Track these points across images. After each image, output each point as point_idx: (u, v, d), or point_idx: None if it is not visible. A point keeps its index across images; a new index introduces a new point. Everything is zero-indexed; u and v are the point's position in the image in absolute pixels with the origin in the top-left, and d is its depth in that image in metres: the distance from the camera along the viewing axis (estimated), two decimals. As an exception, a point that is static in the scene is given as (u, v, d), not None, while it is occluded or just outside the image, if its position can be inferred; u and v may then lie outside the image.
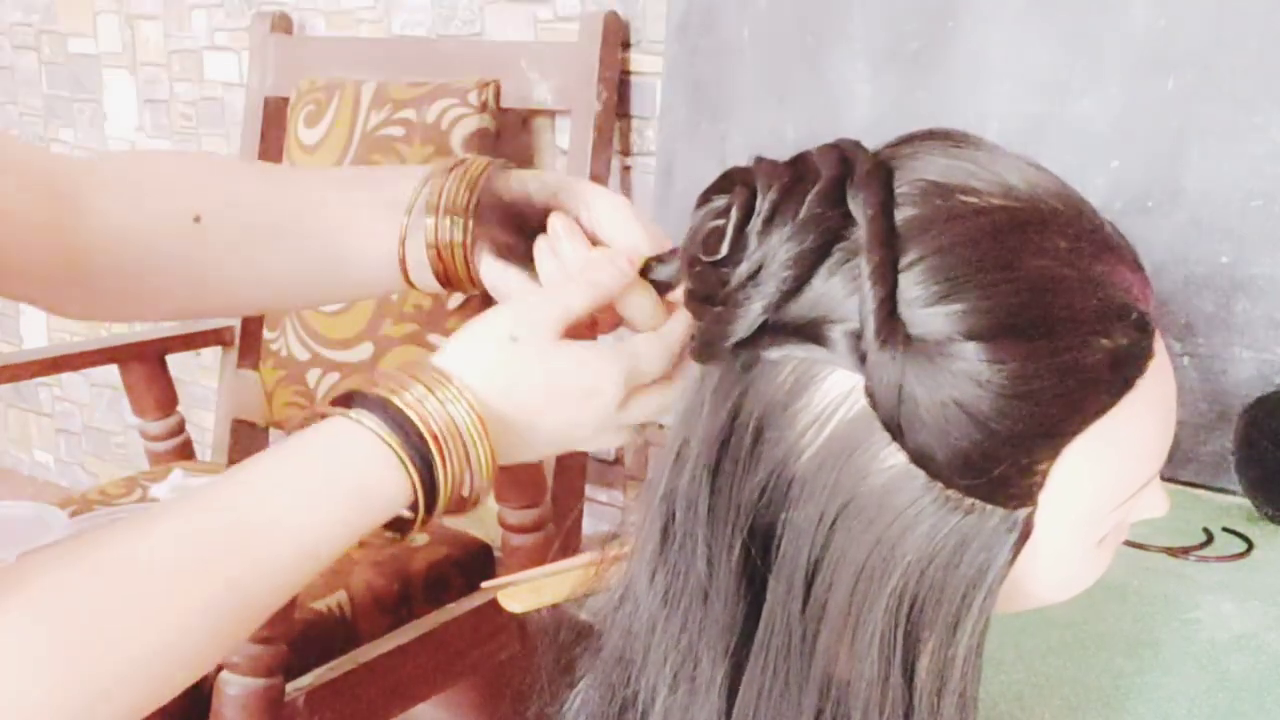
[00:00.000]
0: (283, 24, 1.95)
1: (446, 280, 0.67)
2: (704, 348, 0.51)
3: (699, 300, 0.51)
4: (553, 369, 0.57)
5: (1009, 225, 0.47)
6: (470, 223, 0.65)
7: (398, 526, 0.56)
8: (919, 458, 0.46)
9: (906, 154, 0.50)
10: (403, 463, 0.53)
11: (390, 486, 0.54)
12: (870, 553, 0.47)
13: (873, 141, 0.52)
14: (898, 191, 0.48)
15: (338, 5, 1.92)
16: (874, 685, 0.48)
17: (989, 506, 0.47)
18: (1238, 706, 0.72)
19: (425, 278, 0.67)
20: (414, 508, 0.55)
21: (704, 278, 0.51)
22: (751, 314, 0.48)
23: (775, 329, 0.48)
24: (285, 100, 1.86)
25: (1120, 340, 0.47)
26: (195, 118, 2.19)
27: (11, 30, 2.47)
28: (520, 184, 0.66)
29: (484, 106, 1.62)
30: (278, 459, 0.54)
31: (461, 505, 0.56)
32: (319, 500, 0.53)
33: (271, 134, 1.91)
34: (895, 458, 0.46)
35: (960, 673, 0.48)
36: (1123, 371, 0.47)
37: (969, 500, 0.47)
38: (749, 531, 0.49)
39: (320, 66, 1.84)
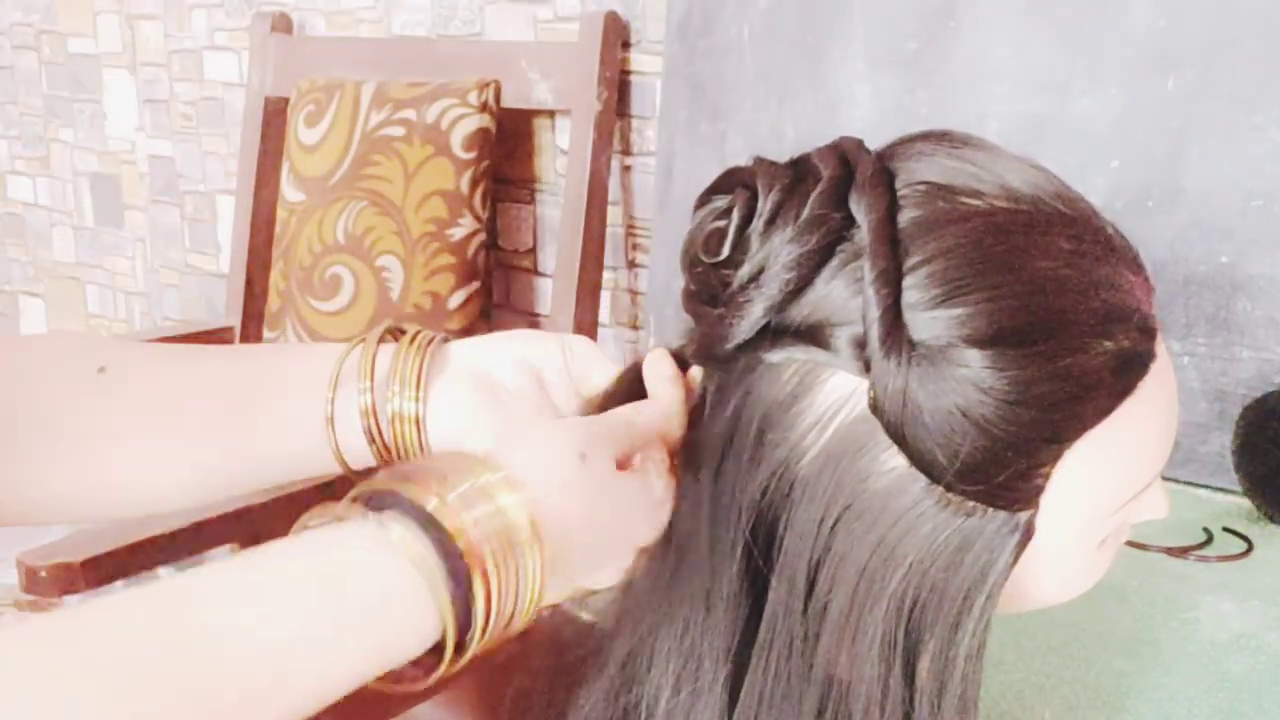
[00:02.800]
0: (283, 24, 1.95)
1: (386, 453, 0.57)
2: (705, 350, 0.50)
3: (700, 302, 0.51)
4: (617, 499, 0.48)
5: (1011, 227, 0.47)
6: (421, 392, 0.56)
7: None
8: (922, 463, 0.46)
9: (907, 155, 0.50)
10: (431, 584, 0.41)
11: (411, 615, 0.41)
12: (871, 554, 0.47)
13: (873, 141, 0.52)
14: (899, 194, 0.48)
15: (338, 5, 1.92)
16: (875, 686, 0.48)
17: (991, 509, 0.47)
18: (1238, 706, 0.72)
19: (360, 453, 0.57)
20: (441, 644, 0.42)
21: (705, 279, 0.51)
22: (753, 316, 0.48)
23: (777, 331, 0.48)
24: (285, 100, 1.86)
25: (1123, 343, 0.47)
26: (195, 118, 2.19)
27: (11, 30, 2.47)
28: (484, 349, 0.58)
29: (484, 106, 1.62)
30: (273, 569, 0.41)
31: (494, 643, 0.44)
32: (318, 627, 0.40)
33: (271, 134, 1.91)
34: (897, 460, 0.46)
35: (961, 674, 0.48)
36: (1125, 374, 0.47)
37: (971, 503, 0.47)
38: (751, 533, 0.49)
39: (320, 66, 1.84)
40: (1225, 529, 0.97)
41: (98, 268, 2.46)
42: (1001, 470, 0.46)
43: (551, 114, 1.69)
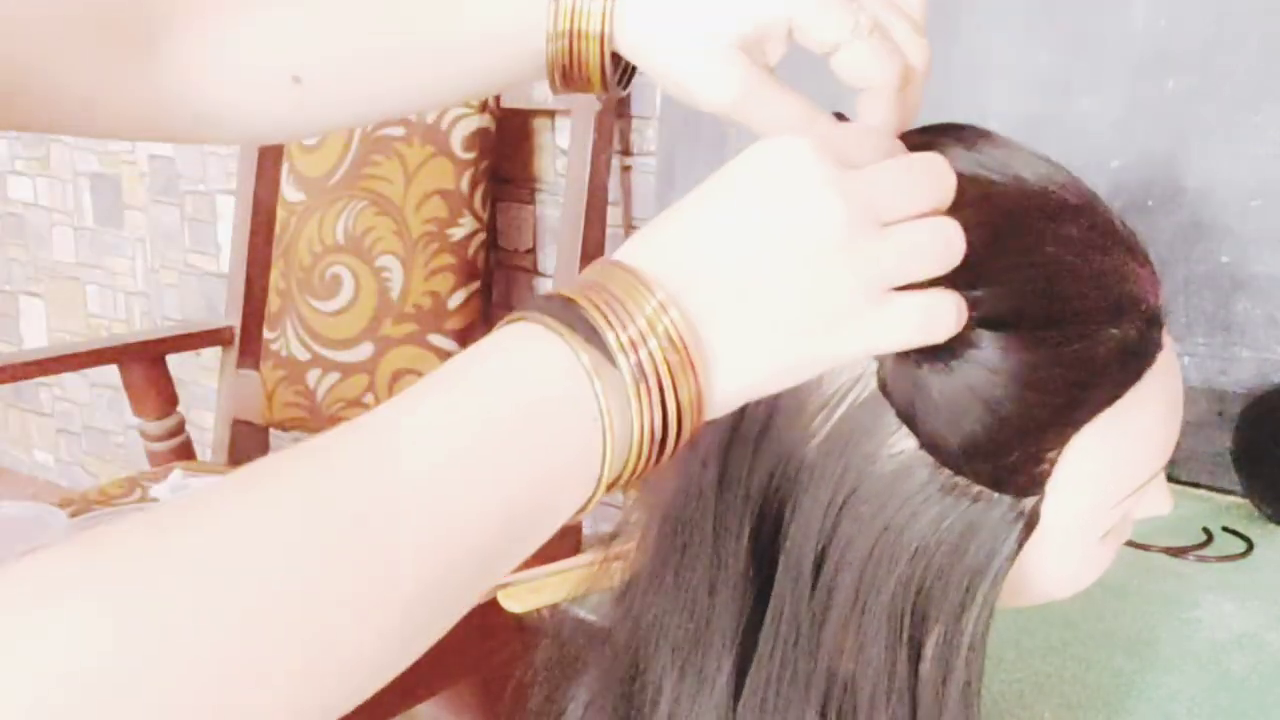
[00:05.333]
0: (283, 24, 1.94)
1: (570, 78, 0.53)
2: None
3: None
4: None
5: (1022, 213, 0.47)
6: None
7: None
8: (931, 445, 0.46)
9: (919, 144, 0.50)
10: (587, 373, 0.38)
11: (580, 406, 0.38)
12: (877, 539, 0.47)
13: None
14: None
15: (338, 5, 1.92)
16: (880, 673, 0.48)
17: (996, 495, 0.47)
18: (1238, 706, 0.72)
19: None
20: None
21: None
22: None
23: None
24: (285, 100, 1.86)
25: (1130, 332, 0.47)
26: (195, 118, 2.18)
27: (11, 30, 2.47)
28: None
29: (484, 106, 1.62)
30: (427, 388, 0.39)
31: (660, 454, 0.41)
32: (479, 427, 0.38)
33: (271, 134, 1.91)
34: (904, 444, 0.47)
35: (965, 661, 0.49)
36: (1132, 363, 0.47)
37: (976, 488, 0.47)
38: (757, 519, 0.49)
39: (320, 66, 1.84)
40: (1225, 529, 0.97)
41: (98, 268, 2.46)
42: (1009, 451, 0.46)
43: (551, 114, 1.69)
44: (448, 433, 0.37)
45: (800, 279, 0.40)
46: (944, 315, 0.42)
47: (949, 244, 0.42)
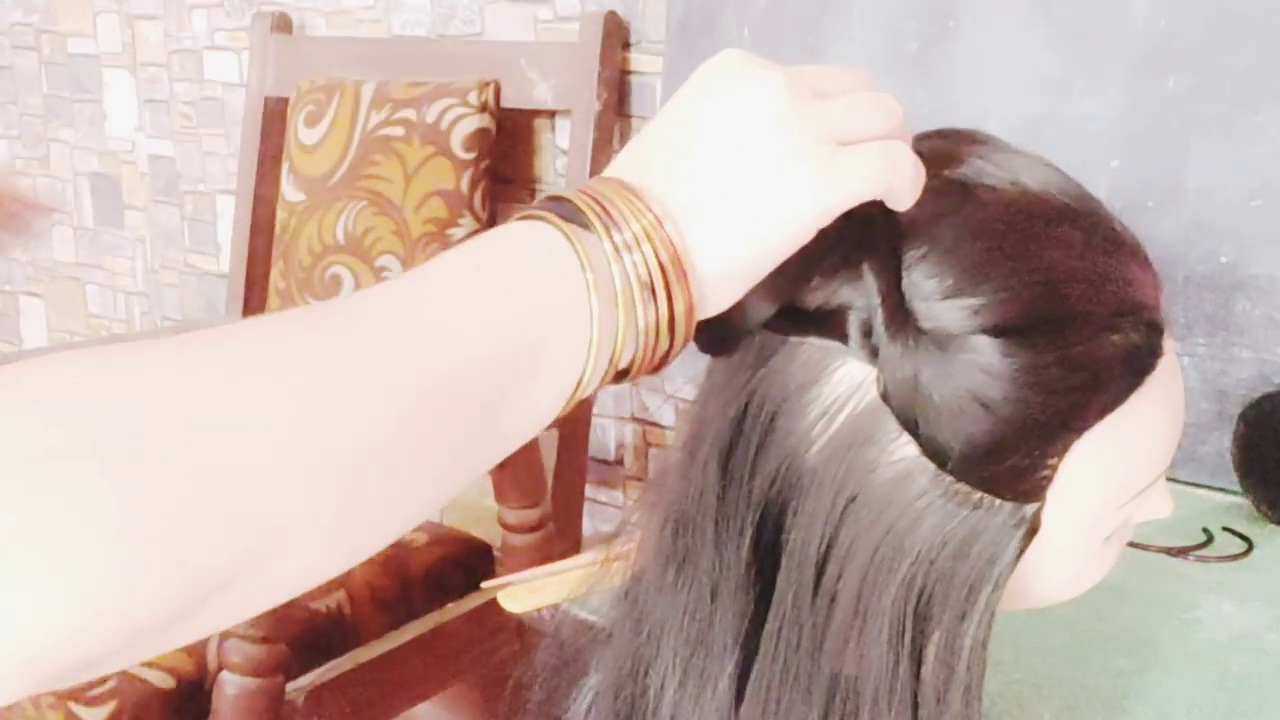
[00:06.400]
0: (283, 24, 1.95)
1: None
2: (718, 337, 0.50)
3: None
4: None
5: (1022, 217, 0.47)
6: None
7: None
8: (931, 450, 0.46)
9: (920, 149, 0.50)
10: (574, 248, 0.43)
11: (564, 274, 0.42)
12: (879, 544, 0.47)
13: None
14: None
15: (338, 5, 1.92)
16: (882, 677, 0.48)
17: (998, 501, 0.47)
18: (1237, 706, 0.72)
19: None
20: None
21: None
22: (767, 302, 0.48)
23: (788, 316, 0.48)
24: (285, 100, 1.86)
25: (1132, 336, 0.47)
26: (195, 118, 2.19)
27: (11, 30, 2.47)
28: None
29: (484, 106, 1.62)
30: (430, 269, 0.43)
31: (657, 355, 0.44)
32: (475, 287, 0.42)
33: (271, 134, 1.91)
34: (905, 450, 0.46)
35: (966, 665, 0.49)
36: (1133, 368, 0.47)
37: (978, 494, 0.47)
38: (759, 523, 0.49)
39: (320, 66, 1.84)
40: (1225, 529, 0.97)
41: (98, 268, 2.46)
42: (1009, 456, 0.46)
43: (551, 114, 1.69)
44: (450, 271, 0.42)
45: (756, 146, 0.43)
46: (901, 155, 0.44)
47: (885, 103, 0.45)
